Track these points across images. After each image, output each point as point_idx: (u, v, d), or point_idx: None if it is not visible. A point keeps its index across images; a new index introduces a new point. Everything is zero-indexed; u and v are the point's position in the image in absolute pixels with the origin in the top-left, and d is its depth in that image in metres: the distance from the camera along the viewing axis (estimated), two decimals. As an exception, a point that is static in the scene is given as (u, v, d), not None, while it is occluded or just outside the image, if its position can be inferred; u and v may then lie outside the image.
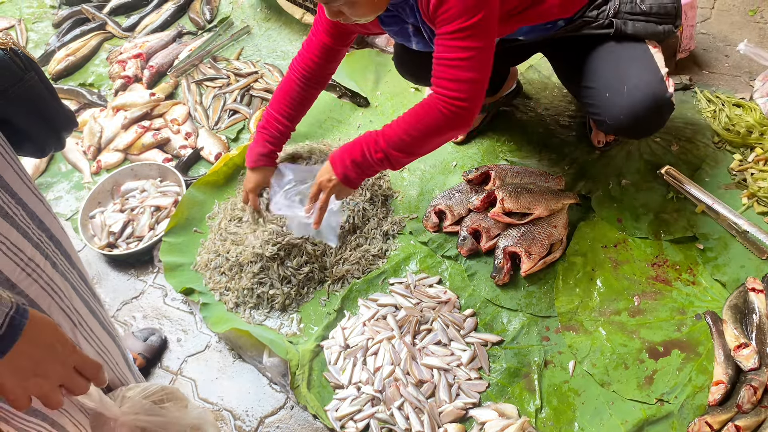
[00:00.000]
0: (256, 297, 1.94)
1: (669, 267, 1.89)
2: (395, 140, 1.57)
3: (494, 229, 1.99)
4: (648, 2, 1.69)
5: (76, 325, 1.04)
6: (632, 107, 1.69)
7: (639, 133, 1.85)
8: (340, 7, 1.48)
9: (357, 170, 1.64)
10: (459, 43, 1.44)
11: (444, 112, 1.51)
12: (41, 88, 1.04)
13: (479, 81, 1.49)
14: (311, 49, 1.88)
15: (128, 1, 3.14)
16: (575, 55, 1.81)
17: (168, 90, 2.66)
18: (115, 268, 2.18)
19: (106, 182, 2.31)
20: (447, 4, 1.42)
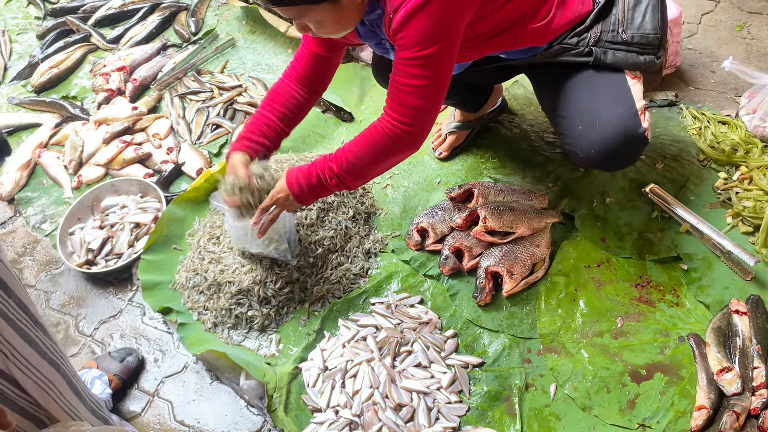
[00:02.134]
0: (234, 317, 1.92)
1: (653, 288, 1.87)
2: (346, 164, 1.58)
3: (477, 248, 1.96)
4: (630, 32, 1.66)
5: (9, 357, 1.02)
6: (603, 142, 1.67)
7: (610, 167, 1.83)
8: (306, 23, 1.47)
9: (312, 193, 1.67)
10: (412, 70, 1.44)
11: (391, 136, 1.52)
12: None
13: (427, 109, 1.50)
14: (302, 59, 1.83)
15: (113, 13, 3.11)
16: (554, 81, 1.79)
17: (151, 103, 2.63)
18: (93, 285, 2.15)
19: (86, 198, 2.28)
20: (405, 30, 1.41)
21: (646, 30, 1.67)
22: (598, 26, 1.69)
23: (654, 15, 1.68)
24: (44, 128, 2.64)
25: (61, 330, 2.06)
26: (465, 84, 1.98)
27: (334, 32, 1.53)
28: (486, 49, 1.67)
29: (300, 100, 1.84)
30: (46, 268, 2.24)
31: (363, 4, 1.47)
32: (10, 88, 2.90)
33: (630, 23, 1.67)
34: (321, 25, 1.48)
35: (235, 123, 2.51)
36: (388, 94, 1.52)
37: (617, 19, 1.67)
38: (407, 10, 1.38)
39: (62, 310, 2.11)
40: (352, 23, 1.52)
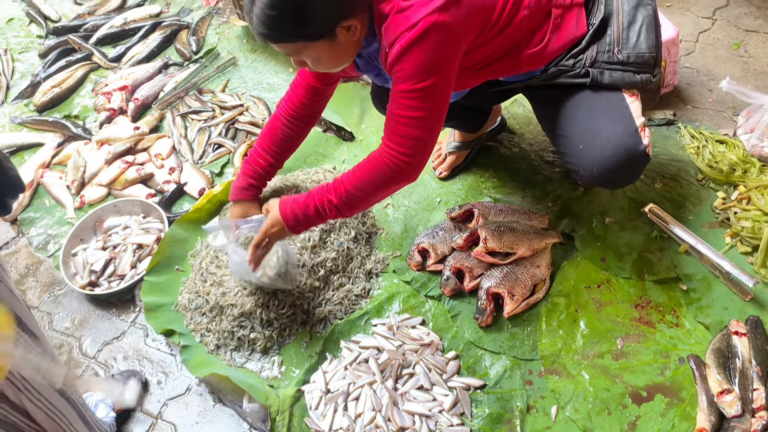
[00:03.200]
0: (236, 340, 1.93)
1: (652, 308, 1.88)
2: (345, 195, 1.60)
3: (477, 268, 1.98)
4: (625, 52, 1.68)
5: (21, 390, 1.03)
6: (604, 161, 1.68)
7: (613, 185, 1.85)
8: (304, 59, 1.50)
9: (307, 223, 1.69)
10: (409, 102, 1.46)
11: (390, 166, 1.54)
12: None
13: (425, 139, 1.53)
14: (298, 90, 1.88)
15: (114, 32, 3.14)
16: (552, 102, 1.81)
17: (153, 123, 2.65)
18: (96, 307, 2.16)
19: (89, 219, 2.30)
20: (401, 64, 1.43)
21: (641, 49, 1.69)
22: (593, 47, 1.70)
23: (648, 34, 1.70)
24: (47, 148, 2.66)
25: (65, 352, 2.07)
26: (463, 107, 2.00)
27: (331, 68, 1.56)
28: (482, 76, 1.69)
29: (291, 134, 1.93)
30: (49, 289, 2.25)
31: (359, 40, 1.49)
32: (13, 108, 2.91)
33: (625, 43, 1.69)
34: (318, 61, 1.50)
35: (236, 142, 2.53)
36: (386, 124, 1.54)
37: (612, 39, 1.69)
38: (402, 44, 1.40)
39: (65, 331, 2.12)
40: (348, 58, 1.55)
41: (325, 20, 1.40)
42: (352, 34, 1.46)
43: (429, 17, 1.38)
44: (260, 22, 1.39)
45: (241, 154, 2.46)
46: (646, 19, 1.70)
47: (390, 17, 1.42)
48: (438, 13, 1.38)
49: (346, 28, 1.43)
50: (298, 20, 1.38)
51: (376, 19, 1.47)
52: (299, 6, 1.35)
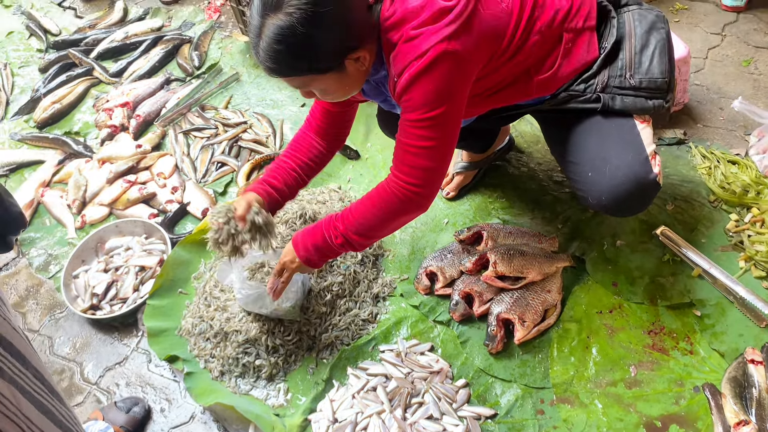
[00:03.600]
0: (241, 366, 1.89)
1: (666, 335, 1.84)
2: (353, 224, 1.56)
3: (487, 293, 1.94)
4: (638, 77, 1.64)
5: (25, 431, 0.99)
6: (613, 189, 1.65)
7: (622, 213, 1.80)
8: (312, 90, 1.47)
9: (318, 254, 1.64)
10: (419, 132, 1.43)
11: (399, 197, 1.50)
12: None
13: (436, 170, 1.49)
14: (317, 115, 1.83)
15: (115, 46, 3.10)
16: (562, 126, 1.78)
17: (155, 140, 2.61)
18: (98, 331, 2.12)
19: (90, 240, 2.26)
20: (410, 93, 1.40)
21: (654, 74, 1.65)
22: (605, 72, 1.67)
23: (661, 59, 1.66)
24: (47, 166, 2.62)
25: (66, 378, 2.03)
26: (471, 130, 1.97)
27: (339, 97, 1.53)
28: (492, 103, 1.66)
29: (321, 150, 1.85)
30: (50, 312, 2.21)
31: (367, 70, 1.47)
32: (13, 124, 2.88)
33: (638, 68, 1.65)
34: (326, 93, 1.48)
35: (240, 161, 2.49)
36: (395, 154, 1.51)
37: (624, 64, 1.66)
38: (411, 73, 1.37)
39: (67, 356, 2.08)
40: (357, 87, 1.52)
41: (333, 53, 1.37)
42: (361, 64, 1.43)
43: (438, 46, 1.35)
44: (268, 57, 1.35)
45: (245, 173, 2.42)
46: (659, 44, 1.67)
47: (398, 46, 1.39)
48: (447, 42, 1.35)
49: (355, 59, 1.40)
50: (306, 54, 1.35)
51: (384, 47, 1.44)
52: (307, 40, 1.32)
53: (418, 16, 1.37)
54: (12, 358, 1.00)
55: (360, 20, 1.38)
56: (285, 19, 1.30)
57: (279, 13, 1.30)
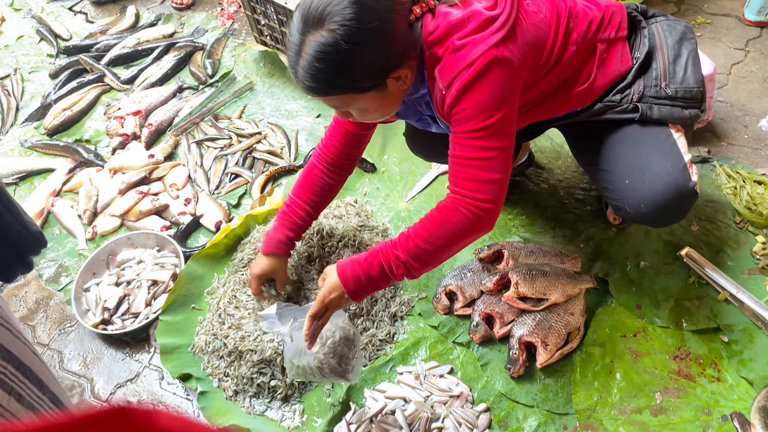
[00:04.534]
0: (256, 386, 1.85)
1: (692, 360, 1.80)
2: (415, 250, 1.44)
3: (508, 314, 1.90)
4: (673, 86, 1.61)
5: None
6: (653, 197, 1.61)
7: (660, 223, 1.76)
8: (350, 111, 1.43)
9: (371, 286, 1.51)
10: (477, 143, 1.37)
11: (467, 215, 1.41)
12: (5, 215, 0.95)
13: (501, 181, 1.41)
14: (335, 137, 1.78)
15: (127, 52, 3.06)
16: (593, 136, 1.73)
17: (167, 150, 2.57)
18: (110, 346, 2.08)
19: (102, 252, 2.22)
20: (462, 103, 1.35)
21: (689, 84, 1.62)
22: (639, 82, 1.63)
23: (695, 68, 1.64)
24: (57, 174, 2.58)
25: (76, 394, 1.99)
26: None
27: (377, 118, 1.48)
28: (532, 117, 1.61)
29: (330, 183, 1.82)
30: (60, 325, 2.17)
31: (407, 88, 1.42)
32: (23, 130, 2.84)
33: (672, 77, 1.62)
34: (365, 113, 1.43)
35: (254, 172, 2.45)
36: (453, 171, 1.43)
37: (659, 74, 1.62)
38: (462, 83, 1.32)
39: (77, 372, 2.04)
40: (396, 107, 1.47)
41: (376, 71, 1.33)
42: (402, 82, 1.38)
43: (488, 53, 1.30)
44: (308, 76, 1.30)
45: (259, 186, 2.38)
46: (691, 54, 1.64)
47: (444, 58, 1.35)
48: (496, 48, 1.31)
49: (396, 77, 1.36)
50: (348, 73, 1.30)
51: (427, 63, 1.39)
52: (350, 58, 1.27)
53: (463, 27, 1.33)
54: (31, 384, 0.97)
55: (402, 37, 1.34)
56: (328, 36, 1.25)
57: (321, 30, 1.25)
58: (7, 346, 0.93)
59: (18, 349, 0.95)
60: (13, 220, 0.97)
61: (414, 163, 2.41)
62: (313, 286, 1.97)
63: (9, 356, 0.92)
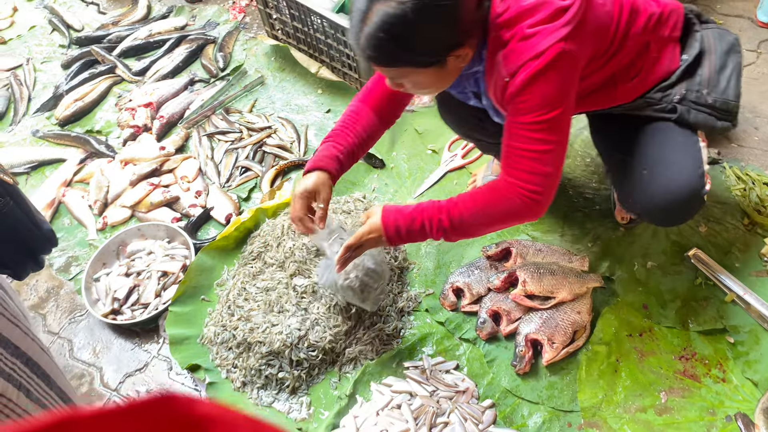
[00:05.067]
0: (264, 378, 1.86)
1: (697, 361, 1.81)
2: (458, 220, 1.48)
3: (515, 312, 1.91)
4: (714, 96, 1.60)
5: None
6: (666, 194, 1.61)
7: (663, 221, 1.76)
8: (403, 83, 1.43)
9: (408, 238, 1.57)
10: (536, 135, 1.37)
11: (517, 201, 1.43)
12: (17, 214, 0.96)
13: (555, 175, 1.43)
14: (377, 92, 1.74)
15: (139, 44, 3.07)
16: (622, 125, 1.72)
17: (178, 143, 2.58)
18: (119, 336, 2.10)
19: (112, 242, 2.24)
20: (526, 94, 1.34)
21: (729, 96, 1.62)
22: (682, 84, 1.63)
23: (737, 82, 1.64)
24: (68, 164, 2.60)
25: (86, 383, 2.01)
26: None
27: (430, 92, 1.50)
28: (578, 107, 1.60)
29: (375, 126, 1.75)
30: (70, 314, 2.19)
31: (464, 66, 1.42)
32: (35, 120, 2.86)
33: (714, 86, 1.62)
34: (419, 86, 1.43)
35: (264, 166, 2.46)
36: (507, 159, 1.44)
37: (703, 80, 1.62)
38: (528, 74, 1.32)
39: (87, 361, 2.06)
40: (448, 84, 1.47)
41: (439, 48, 1.32)
42: (462, 60, 1.38)
43: (556, 45, 1.30)
44: (369, 44, 1.30)
45: (269, 180, 2.40)
46: (736, 67, 1.64)
47: (510, 44, 1.34)
48: (564, 42, 1.30)
49: (457, 56, 1.36)
50: (411, 47, 1.30)
51: (490, 44, 1.39)
52: (415, 32, 1.27)
53: (533, 14, 1.32)
54: (38, 379, 0.99)
55: (470, 16, 1.33)
56: (396, 8, 1.24)
57: (391, 0, 1.25)
58: (16, 342, 0.94)
59: (26, 345, 0.97)
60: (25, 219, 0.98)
61: (422, 159, 2.42)
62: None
63: (17, 352, 0.93)
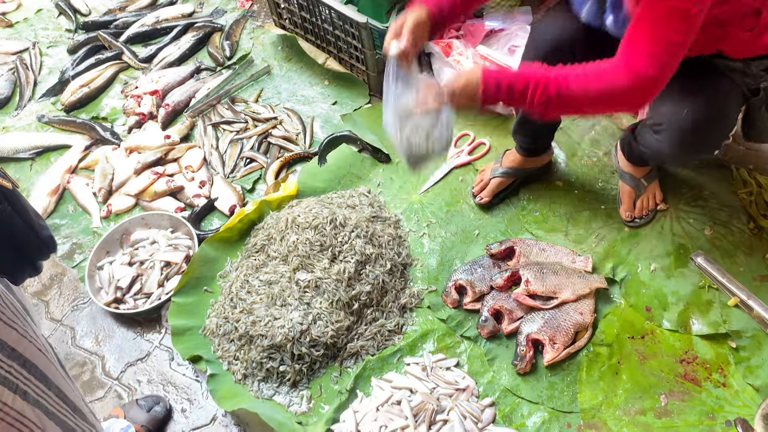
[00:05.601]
0: (265, 371, 1.87)
1: (698, 365, 1.81)
2: (566, 91, 1.45)
3: (517, 311, 1.91)
4: None
5: None
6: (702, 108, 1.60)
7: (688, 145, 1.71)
8: None
9: (506, 98, 1.51)
10: (673, 22, 1.34)
11: (627, 80, 1.41)
12: (16, 221, 0.95)
13: (669, 68, 1.40)
14: None
15: (146, 30, 3.05)
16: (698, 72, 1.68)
17: (184, 131, 2.57)
18: (121, 324, 2.11)
19: (116, 231, 2.24)
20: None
21: None
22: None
23: None
24: (74, 151, 2.59)
25: (87, 371, 2.02)
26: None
27: None
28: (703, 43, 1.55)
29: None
30: (72, 302, 2.19)
31: None
32: (40, 105, 2.85)
33: None
34: None
35: (269, 157, 2.46)
36: (630, 41, 1.41)
37: None
38: None
39: (89, 349, 2.07)
40: None
41: None
42: None
43: None
44: None
45: (274, 171, 2.39)
46: None
47: None
48: None
49: None
50: None
51: None
52: None
53: None
54: (36, 381, 1.00)
55: None
56: None
57: None
58: (13, 345, 0.94)
59: (23, 347, 0.97)
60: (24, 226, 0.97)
61: (429, 154, 2.41)
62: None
63: (14, 354, 0.94)
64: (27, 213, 0.96)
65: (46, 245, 1.02)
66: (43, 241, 0.99)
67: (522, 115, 1.99)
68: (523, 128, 2.06)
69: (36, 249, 0.98)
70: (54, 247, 1.04)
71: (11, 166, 2.61)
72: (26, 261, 0.97)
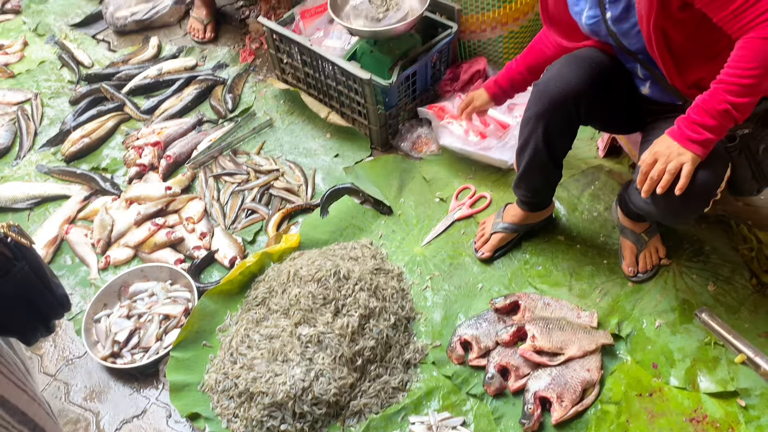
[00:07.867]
0: (265, 430, 1.82)
1: (708, 424, 1.78)
2: (737, 89, 1.46)
3: (524, 367, 1.88)
4: None
5: None
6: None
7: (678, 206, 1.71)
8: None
9: (713, 132, 1.53)
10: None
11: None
12: (31, 279, 0.93)
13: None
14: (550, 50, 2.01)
15: (148, 83, 3.08)
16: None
17: (185, 183, 2.57)
18: (117, 379, 2.06)
19: (114, 283, 2.21)
20: None
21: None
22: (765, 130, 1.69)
23: None
24: (72, 201, 2.58)
25: (81, 428, 1.95)
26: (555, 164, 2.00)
27: None
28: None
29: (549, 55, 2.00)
30: (67, 356, 2.14)
31: None
32: (40, 155, 2.85)
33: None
34: None
35: (270, 209, 2.45)
36: (737, 20, 1.43)
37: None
38: None
39: (83, 405, 2.01)
40: None
41: None
42: None
43: None
44: None
45: (275, 223, 2.38)
46: None
47: None
48: None
49: None
50: None
51: None
52: None
53: None
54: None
55: None
56: None
57: None
58: (24, 409, 0.93)
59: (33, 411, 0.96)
60: (40, 284, 0.95)
61: (430, 207, 2.42)
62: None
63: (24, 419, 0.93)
64: (43, 271, 0.94)
65: (61, 304, 1.00)
66: (58, 299, 0.97)
67: (523, 170, 2.01)
68: (525, 182, 2.07)
69: (51, 308, 0.97)
70: (69, 306, 1.02)
71: (8, 216, 2.59)
72: (40, 320, 0.95)
